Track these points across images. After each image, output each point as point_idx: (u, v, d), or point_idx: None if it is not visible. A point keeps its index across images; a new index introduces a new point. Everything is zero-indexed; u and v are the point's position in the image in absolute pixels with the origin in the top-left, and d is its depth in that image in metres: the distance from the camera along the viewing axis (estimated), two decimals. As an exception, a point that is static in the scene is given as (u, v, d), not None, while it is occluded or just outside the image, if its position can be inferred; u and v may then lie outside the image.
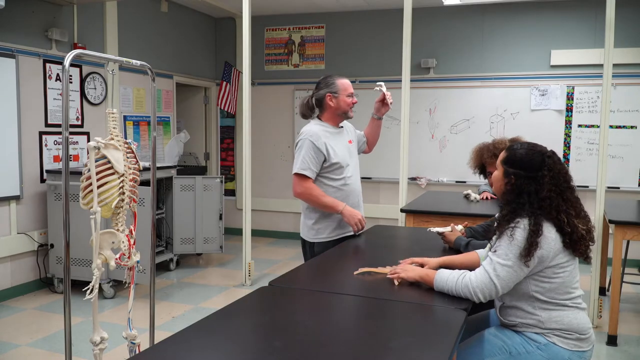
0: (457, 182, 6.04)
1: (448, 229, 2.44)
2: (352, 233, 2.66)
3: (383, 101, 2.79)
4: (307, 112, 2.70)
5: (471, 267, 1.92)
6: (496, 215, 1.90)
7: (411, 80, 4.45)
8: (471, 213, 3.56)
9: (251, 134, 4.95)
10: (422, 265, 1.98)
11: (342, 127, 2.73)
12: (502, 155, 1.90)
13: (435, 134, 6.13)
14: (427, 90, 6.09)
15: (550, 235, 1.72)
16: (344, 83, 2.66)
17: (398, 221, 4.25)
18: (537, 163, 1.79)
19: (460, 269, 1.87)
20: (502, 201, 1.87)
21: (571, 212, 1.76)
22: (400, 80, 4.38)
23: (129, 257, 2.36)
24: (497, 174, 1.90)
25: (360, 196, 2.75)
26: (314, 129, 2.59)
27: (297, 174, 2.57)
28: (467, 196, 4.08)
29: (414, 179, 6.08)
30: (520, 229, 1.71)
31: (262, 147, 6.77)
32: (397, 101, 4.67)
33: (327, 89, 2.64)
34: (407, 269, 1.91)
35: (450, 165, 6.07)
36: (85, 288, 2.21)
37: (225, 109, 6.62)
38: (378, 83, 2.82)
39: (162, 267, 5.26)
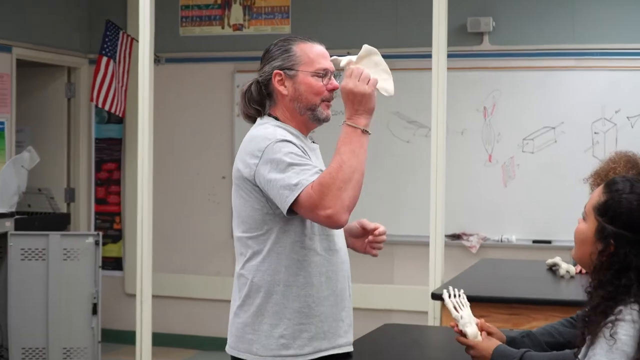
0: (535, 241, 6.09)
1: (474, 329, 2.43)
2: (348, 350, 2.47)
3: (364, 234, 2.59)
4: (249, 110, 2.50)
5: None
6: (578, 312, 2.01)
7: (450, 56, 4.53)
8: (561, 299, 3.58)
9: (153, 153, 4.90)
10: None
11: (314, 142, 2.57)
12: (596, 195, 1.97)
13: (494, 152, 6.20)
14: (478, 74, 6.20)
15: None
16: (307, 49, 2.46)
17: (428, 316, 4.25)
18: None
19: None
20: (590, 279, 1.93)
21: None
22: (430, 56, 4.44)
23: None
24: (586, 228, 1.97)
25: (349, 272, 2.56)
26: (276, 131, 2.36)
27: (303, 192, 2.20)
28: (553, 268, 4.12)
29: (456, 237, 6.11)
30: (627, 323, 1.81)
31: (173, 177, 6.75)
32: (425, 93, 4.72)
33: (275, 62, 2.45)
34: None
35: (522, 212, 6.13)
36: None
37: (107, 108, 6.60)
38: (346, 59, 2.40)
39: (-18, 407, 5.15)
